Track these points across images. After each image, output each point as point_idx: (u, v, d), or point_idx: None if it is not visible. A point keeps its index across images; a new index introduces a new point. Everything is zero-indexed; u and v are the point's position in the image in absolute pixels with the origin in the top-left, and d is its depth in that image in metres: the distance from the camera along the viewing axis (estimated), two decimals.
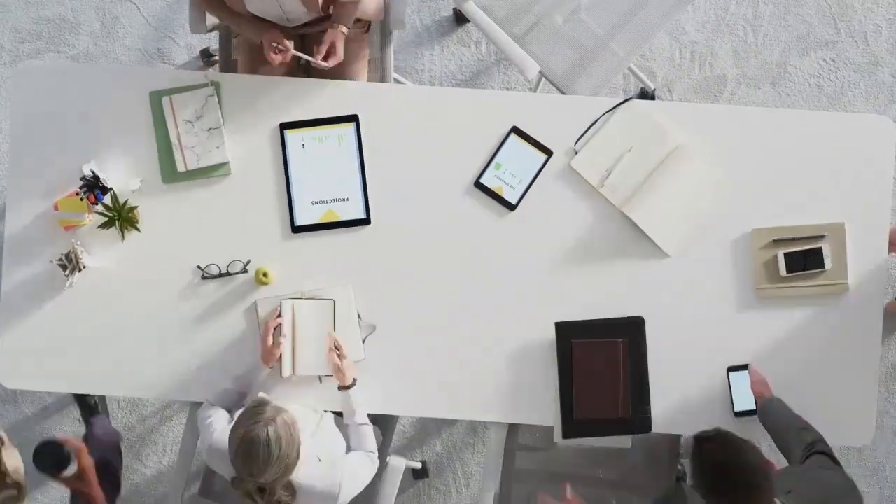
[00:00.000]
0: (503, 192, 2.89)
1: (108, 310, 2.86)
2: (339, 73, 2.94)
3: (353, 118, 2.88)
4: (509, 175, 2.88)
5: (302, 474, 2.48)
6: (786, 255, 2.78)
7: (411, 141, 2.87)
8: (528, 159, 2.89)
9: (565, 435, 2.79)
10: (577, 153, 2.88)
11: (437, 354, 2.87)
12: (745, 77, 3.70)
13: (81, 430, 3.47)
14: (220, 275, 2.86)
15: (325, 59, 2.79)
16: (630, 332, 2.78)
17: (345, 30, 2.81)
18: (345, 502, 2.57)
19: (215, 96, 2.85)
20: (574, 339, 2.78)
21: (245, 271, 2.86)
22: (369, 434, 2.73)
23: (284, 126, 2.87)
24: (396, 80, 3.20)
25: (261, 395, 2.60)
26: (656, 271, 2.86)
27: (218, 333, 2.86)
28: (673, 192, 2.84)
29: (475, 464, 3.62)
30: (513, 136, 2.89)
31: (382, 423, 2.96)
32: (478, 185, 2.89)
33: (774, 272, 2.80)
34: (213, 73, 2.94)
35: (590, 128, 2.86)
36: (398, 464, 2.89)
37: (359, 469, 2.64)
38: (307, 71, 3.04)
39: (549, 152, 2.87)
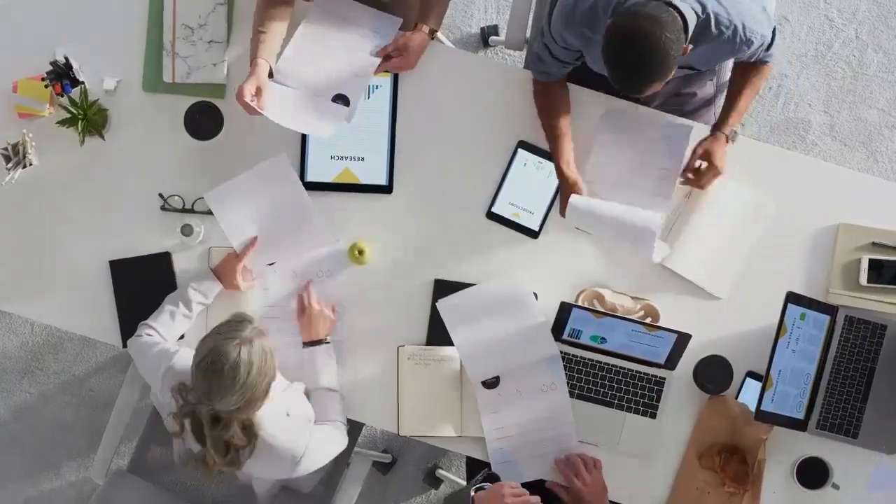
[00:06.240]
0: (520, 219, 2.57)
1: (45, 219, 2.63)
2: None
3: None
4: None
5: (265, 424, 2.25)
6: (871, 261, 2.52)
7: (443, 108, 2.60)
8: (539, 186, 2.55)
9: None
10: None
11: None
12: (833, 128, 3.38)
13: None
14: (183, 209, 2.61)
15: (389, 59, 2.56)
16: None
17: (427, 31, 2.56)
18: (305, 471, 2.35)
19: (226, 6, 2.64)
20: None
21: (211, 213, 2.59)
22: (335, 400, 2.47)
23: None
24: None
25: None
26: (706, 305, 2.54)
27: None
28: (714, 228, 2.52)
29: None
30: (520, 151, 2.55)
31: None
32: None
33: (853, 278, 2.53)
34: None
35: None
36: (363, 459, 2.71)
37: (327, 441, 2.41)
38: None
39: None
